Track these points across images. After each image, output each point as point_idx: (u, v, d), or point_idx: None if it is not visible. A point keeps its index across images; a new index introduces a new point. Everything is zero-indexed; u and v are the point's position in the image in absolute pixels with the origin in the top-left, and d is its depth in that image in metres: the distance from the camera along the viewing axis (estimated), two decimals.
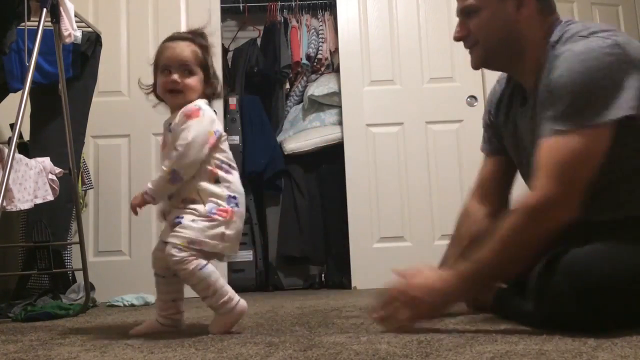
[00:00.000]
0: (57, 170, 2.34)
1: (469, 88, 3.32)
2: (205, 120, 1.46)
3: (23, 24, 2.18)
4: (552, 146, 1.23)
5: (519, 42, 1.38)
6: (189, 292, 1.32)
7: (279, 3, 3.85)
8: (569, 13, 3.50)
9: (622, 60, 1.20)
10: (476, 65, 1.49)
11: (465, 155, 3.23)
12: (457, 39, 1.47)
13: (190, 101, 1.49)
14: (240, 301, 1.44)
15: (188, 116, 1.45)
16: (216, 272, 1.43)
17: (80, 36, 2.59)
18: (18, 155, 2.20)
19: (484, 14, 1.37)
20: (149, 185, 1.46)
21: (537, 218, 1.21)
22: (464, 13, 1.42)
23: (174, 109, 1.52)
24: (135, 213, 1.50)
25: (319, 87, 3.56)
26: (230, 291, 1.44)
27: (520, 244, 1.23)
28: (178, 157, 1.41)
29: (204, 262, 1.41)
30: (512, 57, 1.40)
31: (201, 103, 1.50)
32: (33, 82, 2.12)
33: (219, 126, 1.50)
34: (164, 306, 1.52)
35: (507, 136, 1.55)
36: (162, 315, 1.52)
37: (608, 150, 1.21)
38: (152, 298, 2.73)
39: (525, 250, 1.24)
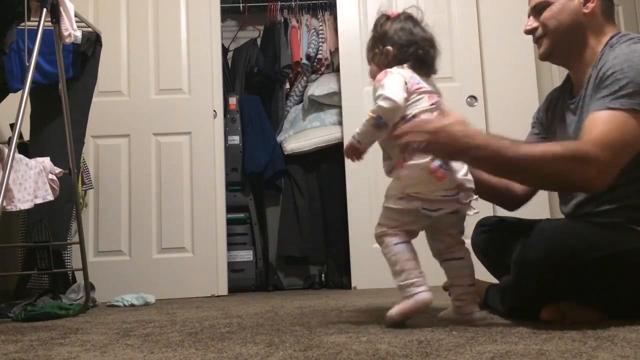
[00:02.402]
0: (57, 170, 2.34)
1: (469, 88, 3.32)
2: (394, 74, 1.51)
3: (23, 24, 2.18)
4: (606, 118, 1.31)
5: (583, 34, 1.51)
6: (189, 292, 1.32)
7: (279, 3, 3.85)
8: None
9: None
10: (544, 56, 1.60)
11: None
12: (527, 31, 1.61)
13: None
14: (423, 292, 1.37)
15: (378, 80, 1.52)
16: (409, 253, 1.42)
17: (80, 36, 2.59)
18: (18, 155, 2.20)
19: (555, 6, 1.53)
20: (356, 129, 1.51)
21: (578, 162, 1.28)
22: (537, 9, 1.57)
23: None
24: (352, 159, 1.54)
25: (319, 87, 3.56)
26: (419, 278, 1.39)
27: (542, 169, 1.31)
28: (379, 102, 1.45)
29: (395, 239, 1.43)
30: (574, 49, 1.53)
31: (387, 69, 1.54)
32: (33, 82, 2.12)
33: (411, 79, 1.53)
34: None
35: (554, 131, 1.65)
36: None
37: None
38: (152, 298, 2.73)
39: (542, 176, 1.34)
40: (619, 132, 1.29)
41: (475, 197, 1.47)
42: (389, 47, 1.56)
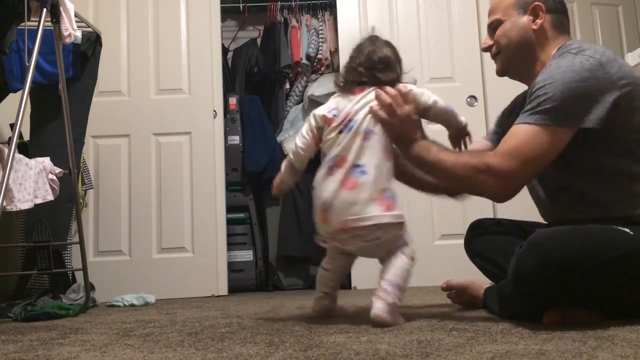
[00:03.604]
0: (57, 170, 2.34)
1: (469, 88, 3.32)
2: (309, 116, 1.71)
3: (23, 24, 2.18)
4: (521, 132, 1.41)
5: (532, 50, 1.57)
6: (189, 292, 1.32)
7: (279, 3, 3.85)
8: (569, 13, 3.49)
9: (600, 78, 1.36)
10: (500, 72, 1.67)
11: None
12: (484, 49, 1.69)
13: None
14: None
15: None
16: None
17: (80, 36, 2.59)
18: (18, 155, 2.20)
19: (506, 24, 1.60)
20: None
21: (482, 172, 1.41)
22: (492, 27, 1.65)
23: None
24: (277, 195, 1.85)
25: (319, 87, 3.56)
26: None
27: (459, 175, 1.46)
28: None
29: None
30: (526, 64, 1.59)
31: None
32: (33, 82, 2.12)
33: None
34: None
35: None
36: None
37: (578, 154, 1.40)
38: (152, 298, 2.73)
39: (456, 182, 1.55)
40: (527, 145, 1.38)
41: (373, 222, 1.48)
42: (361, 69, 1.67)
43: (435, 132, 1.66)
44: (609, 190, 1.42)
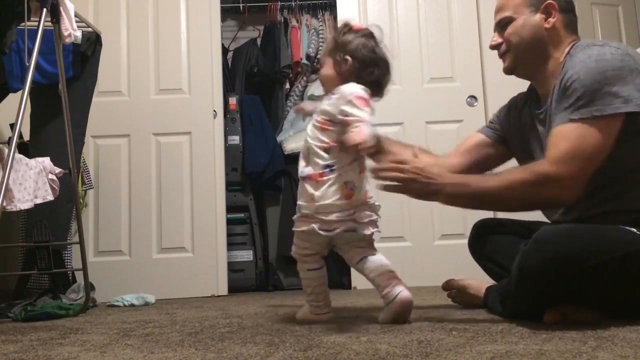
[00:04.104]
0: (57, 170, 2.34)
1: (469, 88, 3.32)
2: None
3: (23, 24, 2.18)
4: (567, 132, 1.37)
5: (545, 48, 1.55)
6: (189, 292, 1.32)
7: (279, 3, 3.85)
8: None
9: (632, 66, 1.36)
10: (509, 70, 1.64)
11: None
12: (492, 47, 1.65)
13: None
14: (326, 314, 1.60)
15: (361, 97, 1.50)
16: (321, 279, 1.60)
17: (80, 36, 2.59)
18: (18, 155, 2.20)
19: (517, 22, 1.57)
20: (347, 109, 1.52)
21: (542, 184, 1.37)
22: (500, 25, 1.61)
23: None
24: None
25: (319, 87, 3.52)
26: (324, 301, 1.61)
27: (513, 196, 1.41)
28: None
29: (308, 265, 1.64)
30: (537, 62, 1.57)
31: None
32: (33, 82, 2.12)
33: None
34: None
35: (514, 138, 1.70)
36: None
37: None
38: (152, 298, 2.73)
39: (512, 204, 1.46)
40: (580, 144, 1.35)
41: (375, 217, 1.54)
42: (349, 58, 1.56)
43: (437, 132, 1.66)
44: (627, 188, 1.41)
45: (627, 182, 1.41)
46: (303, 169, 1.55)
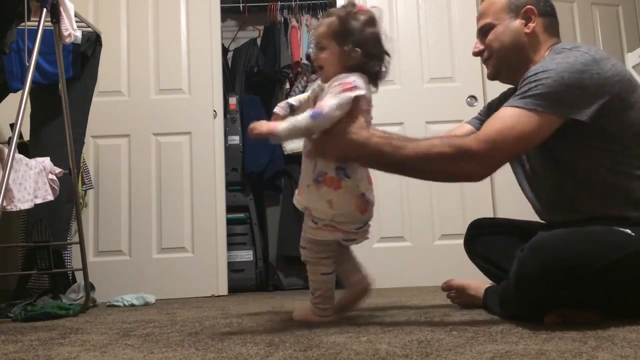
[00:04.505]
0: (57, 170, 2.34)
1: (469, 88, 3.32)
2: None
3: (23, 24, 2.18)
4: (504, 115, 1.39)
5: (525, 53, 1.57)
6: (189, 292, 1.32)
7: (279, 3, 3.85)
8: (569, 13, 3.50)
9: (595, 73, 1.36)
10: (492, 75, 1.66)
11: None
12: (475, 53, 1.68)
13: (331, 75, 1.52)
14: (331, 316, 1.61)
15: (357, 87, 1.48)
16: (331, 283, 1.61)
17: (80, 36, 2.59)
18: (18, 155, 2.20)
19: (498, 28, 1.60)
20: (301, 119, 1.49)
21: (461, 159, 1.37)
22: (482, 31, 1.64)
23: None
24: (260, 135, 1.52)
25: None
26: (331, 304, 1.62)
27: (429, 167, 1.41)
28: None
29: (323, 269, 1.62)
30: (519, 67, 1.57)
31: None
32: (33, 82, 2.12)
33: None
34: None
35: None
36: None
37: (573, 152, 1.41)
38: (152, 298, 2.73)
39: (426, 171, 1.46)
40: (509, 127, 1.36)
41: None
42: (358, 50, 1.51)
43: (437, 132, 1.66)
44: (606, 189, 1.42)
45: (602, 188, 1.42)
46: (320, 171, 1.50)
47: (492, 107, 1.78)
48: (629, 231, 1.30)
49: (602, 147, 1.40)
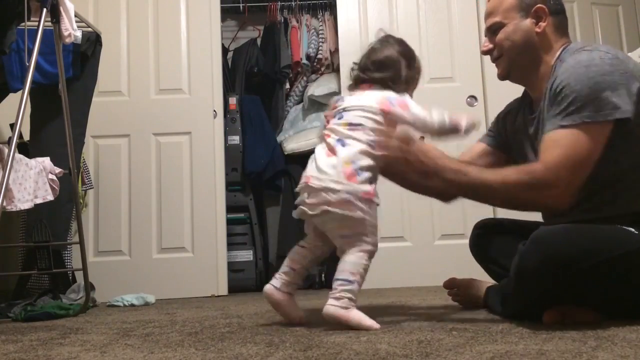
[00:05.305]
0: (57, 170, 2.34)
1: (469, 88, 3.32)
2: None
3: (23, 24, 2.18)
4: (558, 138, 1.36)
5: (536, 52, 1.55)
6: (189, 292, 1.31)
7: (279, 3, 3.85)
8: (569, 13, 3.46)
9: (622, 71, 1.35)
10: (502, 76, 1.64)
11: None
12: (484, 52, 1.65)
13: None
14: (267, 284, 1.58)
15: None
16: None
17: (80, 36, 2.59)
18: (18, 155, 2.20)
19: (508, 27, 1.57)
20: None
21: (536, 188, 1.36)
22: (491, 30, 1.62)
23: None
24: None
25: (319, 87, 3.56)
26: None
27: (505, 195, 1.41)
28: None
29: None
30: (530, 67, 1.57)
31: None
32: (33, 82, 2.11)
33: None
34: None
35: (512, 143, 1.71)
36: None
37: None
38: (152, 298, 2.73)
39: (503, 202, 1.48)
40: (572, 150, 1.34)
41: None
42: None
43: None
44: (623, 189, 1.41)
45: (619, 187, 1.40)
46: (365, 183, 1.47)
47: (499, 122, 1.77)
48: (633, 229, 1.30)
49: (623, 147, 1.38)
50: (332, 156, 1.48)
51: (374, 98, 1.54)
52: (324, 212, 1.44)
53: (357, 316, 1.39)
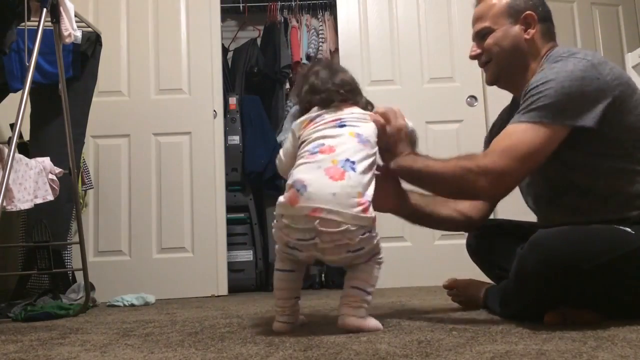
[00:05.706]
0: (57, 170, 2.34)
1: (469, 88, 3.32)
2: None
3: (23, 24, 2.18)
4: (514, 131, 1.39)
5: (524, 59, 1.56)
6: (189, 292, 1.31)
7: (279, 3, 3.85)
8: (569, 13, 3.50)
9: (594, 78, 1.36)
10: (490, 81, 1.66)
11: None
12: (472, 57, 1.67)
13: None
14: (277, 322, 1.44)
15: None
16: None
17: (80, 36, 2.59)
18: (18, 155, 2.20)
19: (497, 33, 1.59)
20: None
21: (476, 173, 1.37)
22: (480, 35, 1.63)
23: None
24: None
25: None
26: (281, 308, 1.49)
27: (445, 180, 1.43)
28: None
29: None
30: (517, 73, 1.57)
31: None
32: (33, 82, 2.12)
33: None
34: None
35: None
36: None
37: (576, 156, 1.40)
38: (152, 298, 2.73)
39: (447, 188, 1.47)
40: (521, 143, 1.36)
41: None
42: None
43: (437, 132, 1.66)
44: (608, 192, 1.41)
45: (604, 194, 1.41)
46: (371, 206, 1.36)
47: (493, 130, 1.77)
48: (629, 229, 1.30)
49: (604, 153, 1.40)
50: (340, 181, 1.31)
51: (366, 115, 1.49)
52: (341, 251, 1.36)
53: (372, 323, 1.38)
